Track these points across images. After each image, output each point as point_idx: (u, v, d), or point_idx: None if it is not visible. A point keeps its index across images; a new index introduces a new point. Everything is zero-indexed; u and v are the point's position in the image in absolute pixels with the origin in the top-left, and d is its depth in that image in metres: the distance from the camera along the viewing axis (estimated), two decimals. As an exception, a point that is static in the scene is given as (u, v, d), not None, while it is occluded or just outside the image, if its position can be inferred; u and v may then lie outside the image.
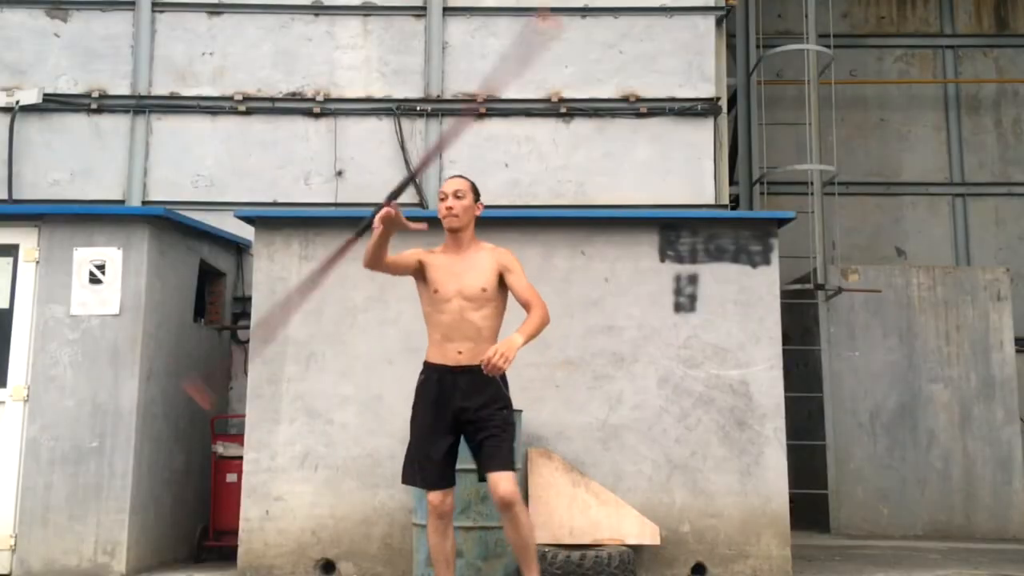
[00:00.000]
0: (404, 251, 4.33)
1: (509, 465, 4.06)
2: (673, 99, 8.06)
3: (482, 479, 4.15)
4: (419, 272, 4.29)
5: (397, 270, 4.29)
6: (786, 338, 6.33)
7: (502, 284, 4.24)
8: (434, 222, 4.36)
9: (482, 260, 4.25)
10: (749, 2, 9.49)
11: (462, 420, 4.15)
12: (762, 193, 9.04)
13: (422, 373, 4.27)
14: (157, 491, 6.23)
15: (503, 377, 4.18)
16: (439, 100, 8.09)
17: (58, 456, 5.93)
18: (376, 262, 4.15)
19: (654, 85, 8.07)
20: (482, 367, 3.91)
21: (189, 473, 6.69)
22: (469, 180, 4.37)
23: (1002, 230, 10.40)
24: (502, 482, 4.00)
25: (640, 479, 5.89)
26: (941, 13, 10.79)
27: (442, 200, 4.28)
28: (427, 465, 4.15)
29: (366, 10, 8.25)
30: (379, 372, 6.01)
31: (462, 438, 4.22)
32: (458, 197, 4.25)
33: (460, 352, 4.15)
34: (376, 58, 8.20)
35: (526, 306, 4.18)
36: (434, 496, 4.14)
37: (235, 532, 5.98)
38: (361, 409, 5.98)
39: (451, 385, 4.14)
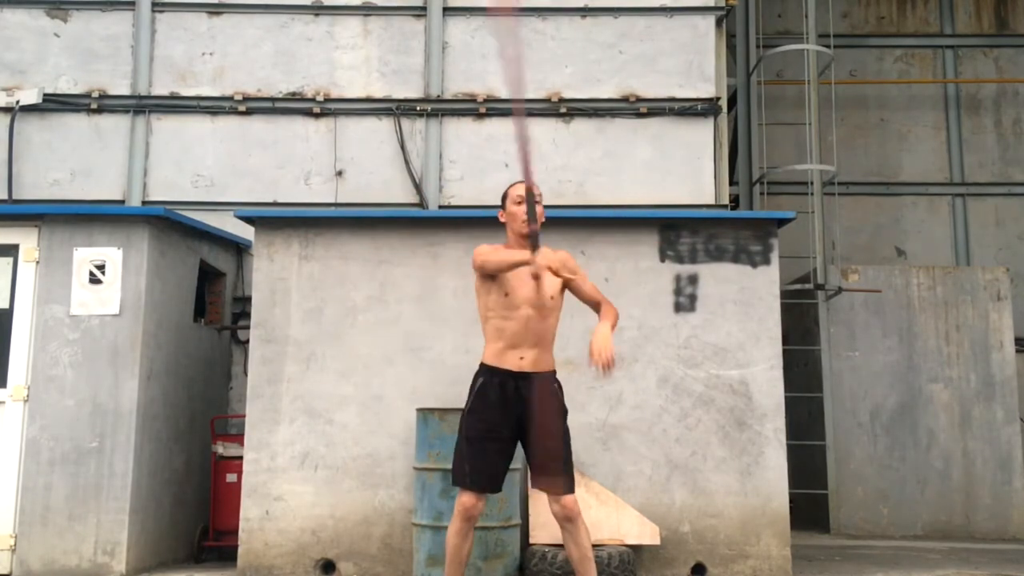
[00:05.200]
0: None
1: (573, 486, 4.11)
2: (673, 99, 8.06)
3: (535, 487, 4.19)
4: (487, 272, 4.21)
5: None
6: (786, 338, 6.33)
7: (562, 288, 4.23)
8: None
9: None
10: (749, 2, 9.49)
11: (525, 425, 4.10)
12: (762, 193, 9.03)
13: (480, 375, 4.19)
14: (157, 491, 6.23)
15: (559, 383, 4.23)
16: (439, 100, 8.09)
17: (58, 456, 5.93)
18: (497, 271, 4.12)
19: (654, 85, 8.07)
20: (596, 367, 3.94)
21: (189, 473, 6.69)
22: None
23: (1002, 230, 10.40)
24: (568, 501, 4.06)
25: (640, 479, 5.89)
26: (941, 13, 10.79)
27: (520, 204, 4.19)
28: (479, 465, 4.08)
29: (366, 10, 8.25)
30: (379, 372, 6.01)
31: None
32: (537, 201, 4.13)
33: (522, 358, 4.12)
34: (376, 58, 8.20)
35: (597, 306, 4.24)
36: (468, 498, 4.07)
37: (235, 532, 5.98)
38: (361, 409, 5.98)
39: (514, 390, 4.10)
